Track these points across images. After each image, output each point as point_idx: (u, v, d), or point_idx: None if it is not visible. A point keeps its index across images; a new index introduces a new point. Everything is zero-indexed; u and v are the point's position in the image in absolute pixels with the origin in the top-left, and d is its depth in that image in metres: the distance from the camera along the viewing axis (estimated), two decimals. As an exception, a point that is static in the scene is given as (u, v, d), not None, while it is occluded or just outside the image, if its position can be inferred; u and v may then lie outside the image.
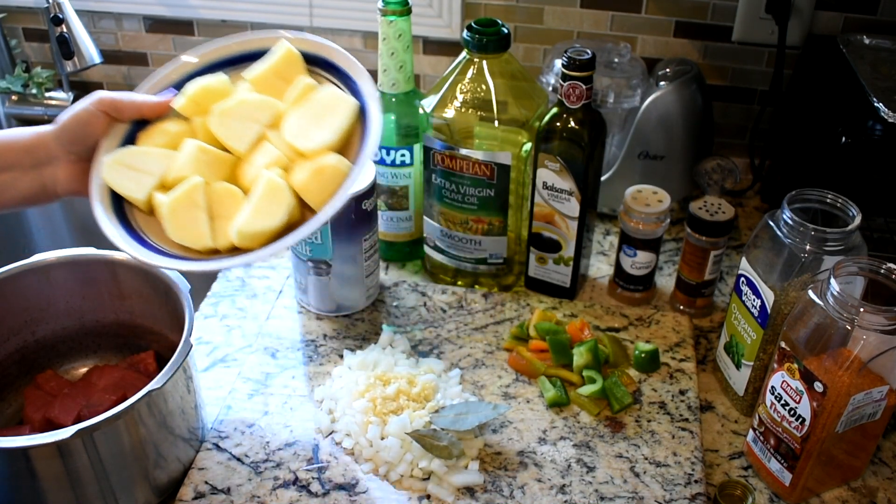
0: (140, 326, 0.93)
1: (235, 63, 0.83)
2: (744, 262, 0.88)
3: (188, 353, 0.79)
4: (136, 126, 0.80)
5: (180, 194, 0.74)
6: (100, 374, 0.89)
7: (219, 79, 0.80)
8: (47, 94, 1.38)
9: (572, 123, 0.96)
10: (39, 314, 0.91)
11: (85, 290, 0.91)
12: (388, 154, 1.06)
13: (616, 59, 1.17)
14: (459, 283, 1.10)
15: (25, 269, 0.88)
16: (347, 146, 0.77)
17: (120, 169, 0.76)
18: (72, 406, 0.85)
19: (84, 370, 0.94)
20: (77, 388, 0.88)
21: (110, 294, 0.92)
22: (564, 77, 0.95)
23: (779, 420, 0.80)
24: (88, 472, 0.75)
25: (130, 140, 0.80)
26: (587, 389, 0.92)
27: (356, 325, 1.04)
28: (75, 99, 1.37)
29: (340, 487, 0.83)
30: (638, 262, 1.05)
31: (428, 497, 0.83)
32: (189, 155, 0.76)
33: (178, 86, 0.81)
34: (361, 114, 0.79)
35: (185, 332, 0.80)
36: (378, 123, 0.76)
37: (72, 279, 0.90)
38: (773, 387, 0.81)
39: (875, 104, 0.93)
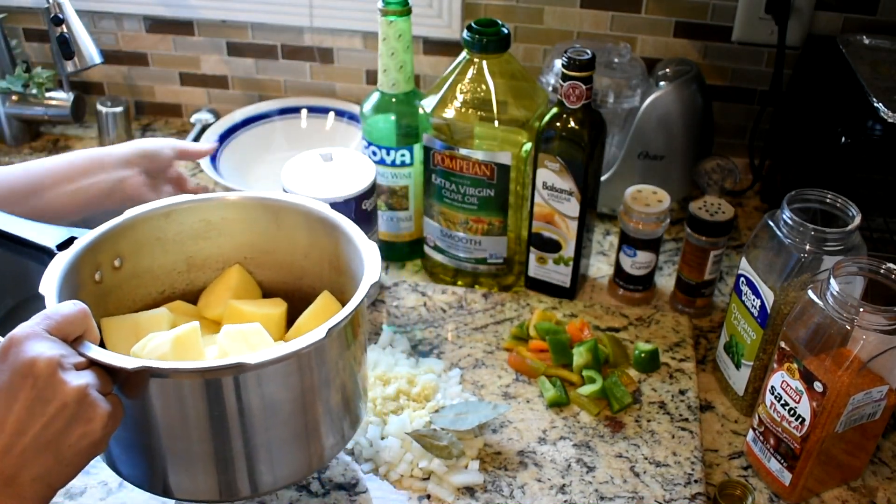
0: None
1: None
2: (743, 262, 0.88)
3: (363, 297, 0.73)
4: None
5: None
6: None
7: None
8: (47, 95, 1.38)
9: (572, 123, 0.96)
10: (257, 258, 0.88)
11: (310, 249, 0.86)
12: (388, 154, 1.06)
13: (616, 60, 1.17)
14: (459, 283, 1.10)
15: (258, 201, 0.85)
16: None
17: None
18: None
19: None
20: None
21: (330, 264, 0.84)
22: (564, 77, 0.95)
23: (778, 420, 0.81)
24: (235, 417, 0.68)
25: None
26: (587, 389, 0.92)
27: (356, 325, 1.04)
28: (76, 99, 1.38)
29: (340, 487, 0.83)
30: (638, 262, 1.05)
31: (428, 497, 0.83)
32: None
33: None
34: None
35: (366, 276, 0.74)
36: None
37: (301, 231, 0.86)
38: (772, 387, 0.81)
39: (875, 104, 0.94)
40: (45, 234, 0.76)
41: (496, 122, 0.97)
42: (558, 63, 0.99)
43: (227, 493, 0.71)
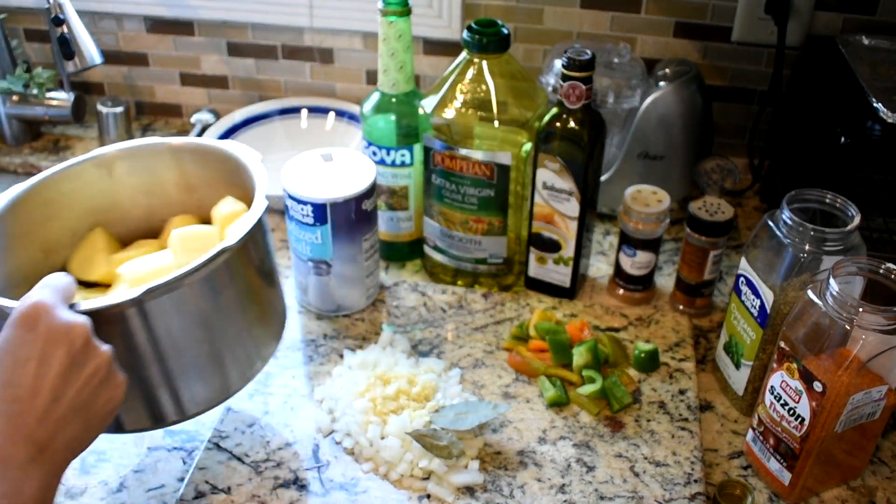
0: (209, 221, 0.88)
1: None
2: (743, 262, 0.88)
3: (264, 211, 0.76)
4: None
5: None
6: None
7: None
8: (48, 95, 1.38)
9: (572, 123, 0.96)
10: (105, 215, 0.88)
11: (150, 185, 0.88)
12: (388, 154, 1.07)
13: (616, 60, 1.17)
14: (459, 283, 1.10)
15: (86, 162, 0.85)
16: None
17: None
18: None
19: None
20: None
21: (177, 186, 0.89)
22: (564, 77, 0.95)
23: (778, 420, 0.81)
24: (147, 347, 0.71)
25: None
26: (587, 389, 0.92)
27: (356, 324, 1.04)
28: (76, 99, 1.38)
29: (340, 487, 0.84)
30: (637, 262, 1.05)
31: (428, 496, 0.83)
32: None
33: None
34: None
35: (257, 193, 0.77)
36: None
37: (136, 174, 0.87)
38: (772, 386, 0.81)
39: (874, 104, 0.94)
40: None
41: (496, 122, 0.97)
42: (558, 63, 0.99)
43: (156, 419, 0.76)
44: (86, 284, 0.85)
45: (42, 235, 0.84)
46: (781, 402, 0.80)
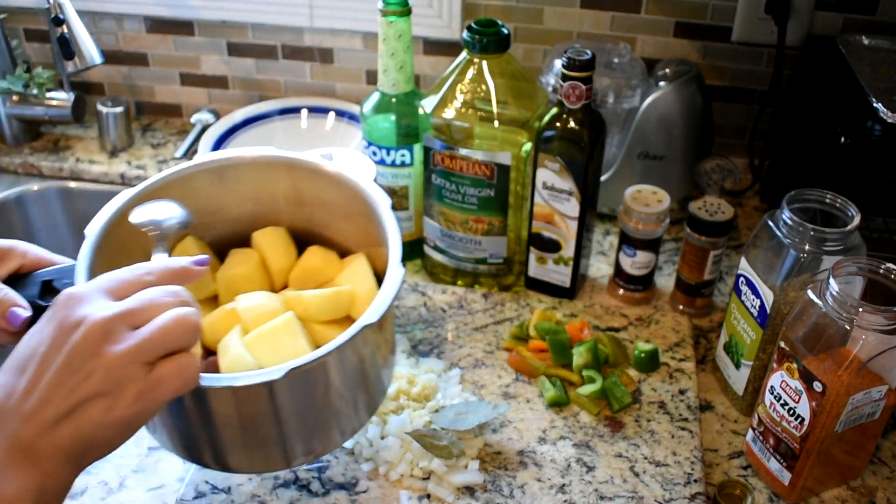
0: (319, 235, 0.87)
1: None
2: (743, 262, 0.88)
3: (400, 283, 0.72)
4: None
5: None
6: None
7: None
8: (48, 95, 1.38)
9: (572, 123, 0.96)
10: (209, 218, 0.85)
11: (259, 193, 0.86)
12: (388, 154, 1.07)
13: (616, 60, 1.17)
14: (459, 283, 1.10)
15: (200, 169, 0.83)
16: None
17: None
18: None
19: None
20: None
21: (287, 199, 0.86)
22: (564, 77, 0.95)
23: (778, 420, 0.81)
24: (271, 416, 0.69)
25: None
26: (587, 389, 0.92)
27: (356, 324, 1.04)
28: (76, 99, 1.38)
29: (340, 487, 0.84)
30: (637, 262, 1.05)
31: (428, 496, 0.83)
32: None
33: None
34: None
35: (392, 253, 0.73)
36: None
37: (246, 182, 0.85)
38: (772, 386, 0.81)
39: (874, 104, 0.94)
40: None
41: (496, 122, 0.97)
42: (558, 63, 0.99)
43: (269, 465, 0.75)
44: None
45: (145, 241, 0.81)
46: (781, 402, 0.80)
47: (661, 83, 1.15)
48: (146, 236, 0.73)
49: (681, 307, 1.07)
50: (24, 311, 0.66)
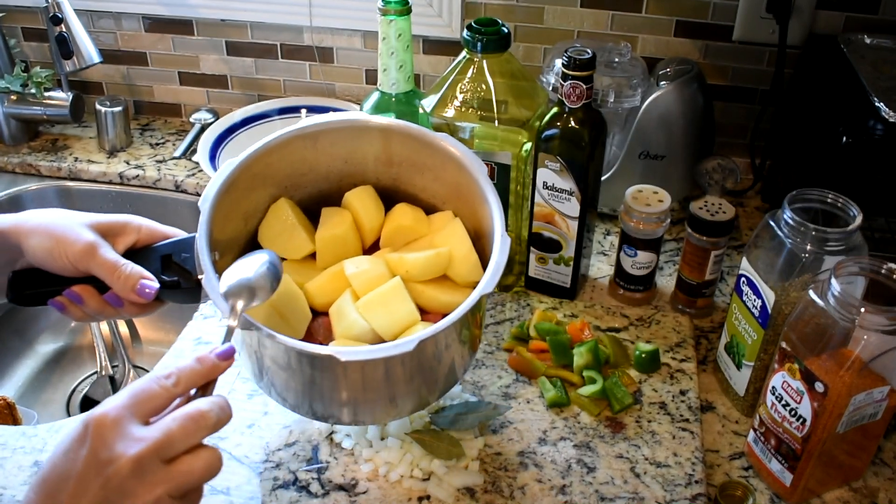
0: (403, 192, 0.90)
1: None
2: (744, 262, 0.88)
3: (508, 251, 0.76)
4: None
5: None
6: None
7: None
8: (46, 94, 1.38)
9: (572, 123, 0.96)
10: (300, 179, 0.88)
11: (350, 154, 0.88)
12: (387, 154, 1.06)
13: (616, 59, 1.17)
14: (459, 283, 1.10)
15: (297, 134, 0.85)
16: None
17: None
18: None
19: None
20: None
21: (376, 159, 0.89)
22: (565, 77, 0.94)
23: (779, 420, 0.80)
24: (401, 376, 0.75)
25: None
26: (587, 390, 0.92)
27: (356, 325, 1.03)
28: (74, 98, 1.37)
29: (340, 487, 0.83)
30: (638, 262, 1.05)
31: (428, 497, 0.82)
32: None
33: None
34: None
35: (497, 221, 0.78)
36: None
37: (339, 145, 0.87)
38: (773, 387, 0.80)
39: (876, 104, 0.93)
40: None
41: (496, 122, 0.97)
42: (558, 62, 0.99)
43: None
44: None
45: (245, 206, 0.85)
46: (783, 402, 0.79)
47: (662, 82, 1.15)
48: (253, 202, 0.83)
49: (682, 307, 1.06)
50: (154, 284, 0.69)
